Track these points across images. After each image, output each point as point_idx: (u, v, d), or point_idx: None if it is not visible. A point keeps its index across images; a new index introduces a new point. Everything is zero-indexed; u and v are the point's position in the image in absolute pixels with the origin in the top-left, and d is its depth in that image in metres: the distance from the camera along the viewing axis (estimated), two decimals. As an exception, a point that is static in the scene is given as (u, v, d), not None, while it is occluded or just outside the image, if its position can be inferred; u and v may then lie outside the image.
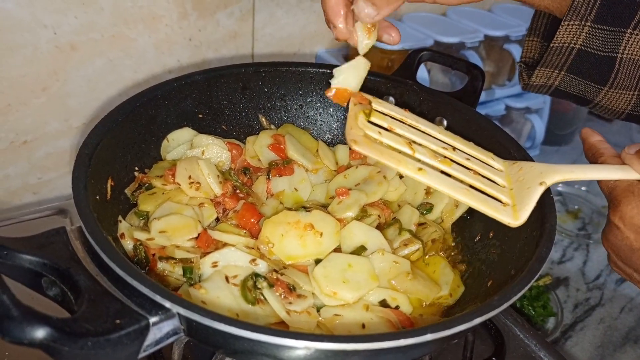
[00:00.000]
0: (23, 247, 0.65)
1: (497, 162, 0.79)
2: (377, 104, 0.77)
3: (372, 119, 0.74)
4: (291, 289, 0.78)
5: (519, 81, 0.91)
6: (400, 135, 0.74)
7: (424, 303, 0.83)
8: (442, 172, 0.72)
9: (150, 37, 1.18)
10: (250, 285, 0.77)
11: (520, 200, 0.72)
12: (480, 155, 0.78)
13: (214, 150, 1.01)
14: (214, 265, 0.80)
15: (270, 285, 0.77)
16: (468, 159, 0.76)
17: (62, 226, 0.71)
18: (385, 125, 0.74)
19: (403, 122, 0.77)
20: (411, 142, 0.74)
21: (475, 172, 0.75)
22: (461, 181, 0.72)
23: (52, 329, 0.54)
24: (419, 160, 0.72)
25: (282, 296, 0.77)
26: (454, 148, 0.77)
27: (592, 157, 0.77)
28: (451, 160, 0.74)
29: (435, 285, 0.85)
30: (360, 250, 0.86)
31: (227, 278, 0.78)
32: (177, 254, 0.81)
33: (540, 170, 0.74)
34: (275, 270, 0.80)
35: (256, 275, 0.79)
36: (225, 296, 0.75)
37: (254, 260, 0.81)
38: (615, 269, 0.76)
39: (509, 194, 0.73)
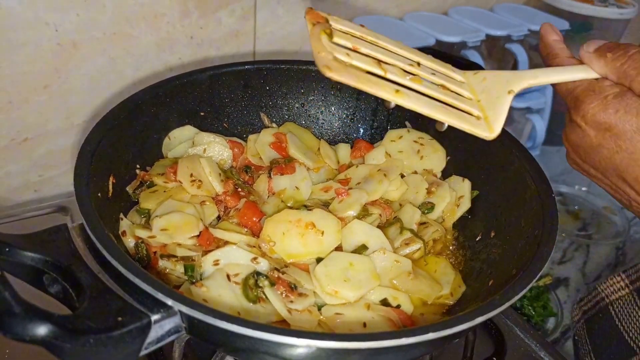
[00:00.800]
0: (25, 244, 0.65)
1: (457, 74, 0.77)
2: (334, 21, 0.73)
3: (335, 40, 0.70)
4: (292, 287, 0.78)
5: None
6: (367, 55, 0.71)
7: (428, 302, 0.83)
8: (415, 90, 0.71)
9: (152, 35, 1.18)
10: (251, 284, 0.77)
11: (492, 112, 0.71)
12: (441, 68, 0.77)
13: (216, 148, 1.01)
14: (216, 263, 0.80)
15: (272, 284, 0.77)
16: (433, 74, 0.75)
17: (64, 223, 0.71)
18: (349, 45, 0.71)
19: (364, 40, 0.74)
20: (380, 62, 0.71)
21: (444, 87, 0.74)
22: (434, 99, 0.71)
23: (54, 326, 0.54)
24: (392, 82, 0.70)
25: (284, 295, 0.77)
26: (418, 64, 0.75)
27: (547, 57, 0.77)
28: (421, 78, 0.73)
29: (437, 284, 0.85)
30: (361, 249, 0.86)
31: (228, 276, 0.78)
32: (179, 252, 0.81)
33: (507, 79, 0.73)
34: (277, 269, 0.80)
35: (257, 273, 0.79)
36: (226, 294, 0.75)
37: (255, 258, 0.81)
38: (574, 166, 0.77)
39: (478, 106, 0.73)
